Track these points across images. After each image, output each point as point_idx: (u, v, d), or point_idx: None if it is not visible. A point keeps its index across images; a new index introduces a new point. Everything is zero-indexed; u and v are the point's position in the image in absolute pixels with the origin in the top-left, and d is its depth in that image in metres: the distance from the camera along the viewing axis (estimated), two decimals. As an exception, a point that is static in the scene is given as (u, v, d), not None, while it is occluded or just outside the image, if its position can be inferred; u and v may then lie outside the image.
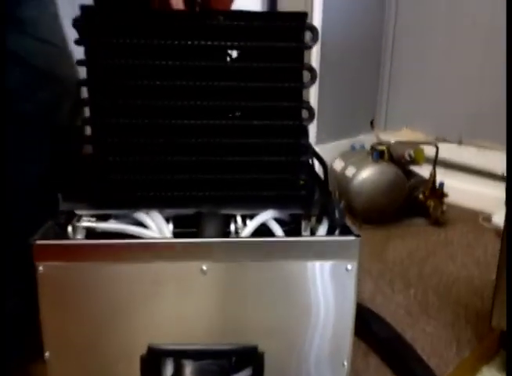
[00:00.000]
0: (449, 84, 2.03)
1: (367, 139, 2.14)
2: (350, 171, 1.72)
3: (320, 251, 0.64)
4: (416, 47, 2.15)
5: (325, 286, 0.65)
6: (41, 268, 0.61)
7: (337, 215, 0.67)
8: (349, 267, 0.64)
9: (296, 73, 0.67)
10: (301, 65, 0.66)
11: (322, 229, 0.68)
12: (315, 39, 0.65)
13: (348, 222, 0.67)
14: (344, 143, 2.04)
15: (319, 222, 0.69)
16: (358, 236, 0.64)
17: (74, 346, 0.64)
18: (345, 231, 0.66)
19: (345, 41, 2.04)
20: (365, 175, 1.67)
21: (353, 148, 1.90)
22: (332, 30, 1.96)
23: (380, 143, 1.81)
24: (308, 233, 0.69)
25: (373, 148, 1.79)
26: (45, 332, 0.63)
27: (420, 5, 2.13)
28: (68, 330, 0.64)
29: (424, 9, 2.10)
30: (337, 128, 2.10)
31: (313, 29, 0.65)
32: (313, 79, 0.66)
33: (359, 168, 1.69)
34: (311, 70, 0.66)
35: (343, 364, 0.69)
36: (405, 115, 2.18)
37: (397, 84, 2.24)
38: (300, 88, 0.67)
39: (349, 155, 1.83)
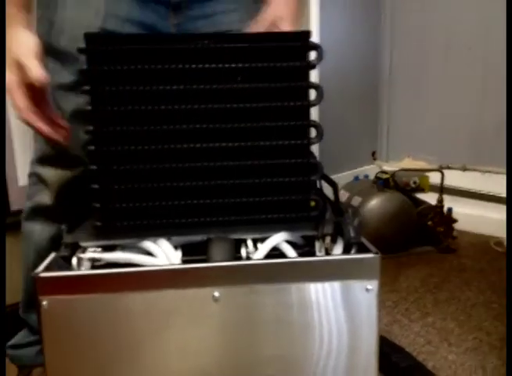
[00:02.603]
0: (449, 110, 2.05)
1: (370, 171, 2.14)
2: (356, 201, 1.70)
3: (337, 271, 0.61)
4: (413, 76, 2.18)
5: (345, 308, 0.61)
6: (45, 303, 0.58)
7: (351, 232, 0.64)
8: (369, 287, 0.61)
9: (302, 92, 0.66)
10: (307, 84, 0.66)
11: (338, 249, 0.65)
12: (319, 58, 0.65)
13: (365, 240, 0.64)
14: (346, 175, 2.03)
15: (333, 241, 0.67)
16: (377, 253, 0.61)
17: (81, 386, 0.60)
18: (363, 249, 0.63)
19: (343, 76, 2.07)
20: (372, 204, 1.65)
21: (356, 179, 1.89)
22: (329, 64, 1.99)
23: (385, 172, 1.80)
24: (322, 253, 0.66)
25: (377, 177, 1.78)
26: (48, 370, 0.59)
27: (416, 34, 2.17)
28: (74, 368, 0.60)
29: (421, 37, 2.15)
30: (339, 161, 2.10)
31: (317, 48, 0.65)
32: (320, 97, 0.66)
33: (365, 198, 1.67)
34: (318, 88, 0.66)
35: (369, 396, 0.64)
36: (406, 145, 2.18)
37: (397, 114, 2.25)
38: (307, 106, 0.66)
39: (353, 186, 1.82)
